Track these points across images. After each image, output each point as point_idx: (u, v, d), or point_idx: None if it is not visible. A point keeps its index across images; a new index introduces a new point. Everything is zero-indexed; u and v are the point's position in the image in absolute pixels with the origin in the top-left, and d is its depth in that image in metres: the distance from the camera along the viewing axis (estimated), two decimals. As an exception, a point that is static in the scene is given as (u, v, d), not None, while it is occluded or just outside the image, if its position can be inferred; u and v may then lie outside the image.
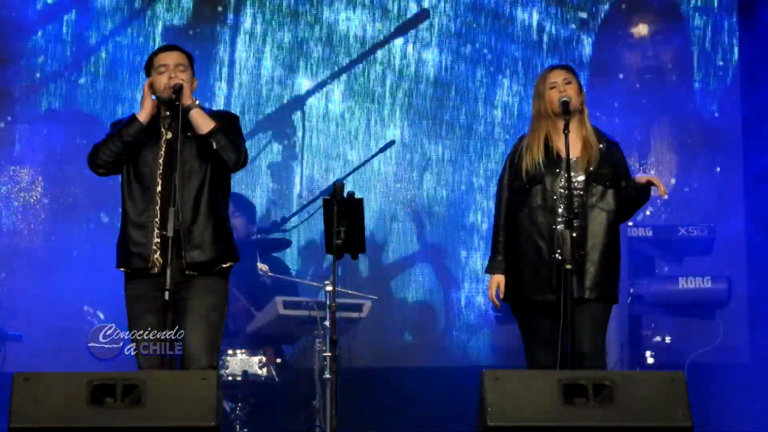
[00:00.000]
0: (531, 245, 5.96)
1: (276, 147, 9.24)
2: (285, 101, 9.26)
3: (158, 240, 5.71)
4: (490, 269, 6.09)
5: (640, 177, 6.07)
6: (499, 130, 9.23)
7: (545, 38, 9.30)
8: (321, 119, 9.24)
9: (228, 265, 5.81)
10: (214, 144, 5.72)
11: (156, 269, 5.71)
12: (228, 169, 5.83)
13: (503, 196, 6.11)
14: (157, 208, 5.73)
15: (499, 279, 6.05)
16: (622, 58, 9.36)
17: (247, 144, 5.99)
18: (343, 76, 9.25)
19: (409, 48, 9.29)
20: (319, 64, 9.27)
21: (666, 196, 6.20)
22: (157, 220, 5.72)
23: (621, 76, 9.31)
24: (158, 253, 5.71)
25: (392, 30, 9.30)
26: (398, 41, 9.30)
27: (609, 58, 9.31)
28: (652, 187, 6.05)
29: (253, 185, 9.15)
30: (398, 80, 9.29)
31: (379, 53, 9.29)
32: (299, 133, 9.21)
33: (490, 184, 8.80)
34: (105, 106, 9.17)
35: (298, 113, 9.22)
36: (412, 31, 9.30)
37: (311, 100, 9.24)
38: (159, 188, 5.75)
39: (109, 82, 9.21)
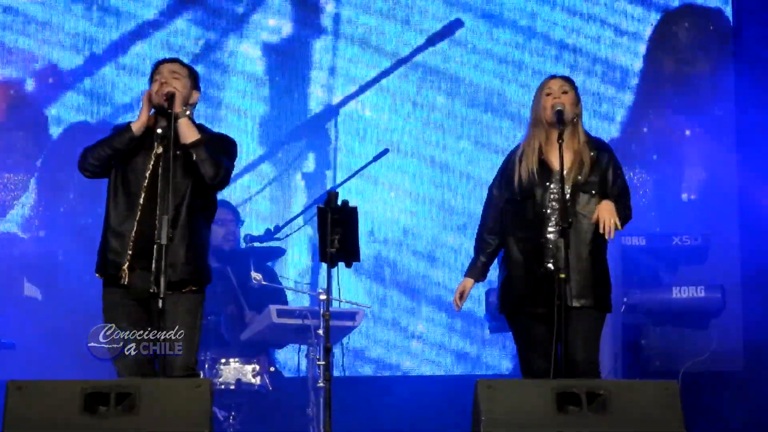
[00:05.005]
0: (522, 258, 5.95)
1: (310, 157, 9.20)
2: (318, 113, 9.23)
3: (131, 252, 5.71)
4: (467, 272, 6.10)
5: (600, 210, 5.87)
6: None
7: (567, 52, 9.29)
8: (353, 131, 9.22)
9: (196, 288, 5.79)
10: (194, 155, 5.72)
11: (124, 280, 5.72)
12: (206, 185, 5.80)
13: (492, 205, 6.11)
14: (136, 220, 5.73)
15: (467, 284, 6.08)
16: (618, 62, 9.38)
17: (281, 154, 5.94)
18: (374, 88, 9.23)
19: (438, 62, 9.27)
20: (353, 75, 9.26)
21: (611, 237, 5.84)
22: (134, 232, 5.72)
23: (617, 82, 9.33)
24: (127, 264, 5.71)
25: (423, 43, 9.29)
26: (427, 54, 9.28)
27: (609, 63, 9.33)
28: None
29: (288, 196, 9.11)
30: (430, 92, 9.27)
31: (410, 65, 9.28)
32: (332, 144, 9.18)
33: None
34: (98, 112, 9.19)
35: (332, 123, 9.20)
36: (442, 45, 9.27)
37: (345, 111, 9.22)
38: (142, 200, 5.75)
39: (113, 90, 9.23)
